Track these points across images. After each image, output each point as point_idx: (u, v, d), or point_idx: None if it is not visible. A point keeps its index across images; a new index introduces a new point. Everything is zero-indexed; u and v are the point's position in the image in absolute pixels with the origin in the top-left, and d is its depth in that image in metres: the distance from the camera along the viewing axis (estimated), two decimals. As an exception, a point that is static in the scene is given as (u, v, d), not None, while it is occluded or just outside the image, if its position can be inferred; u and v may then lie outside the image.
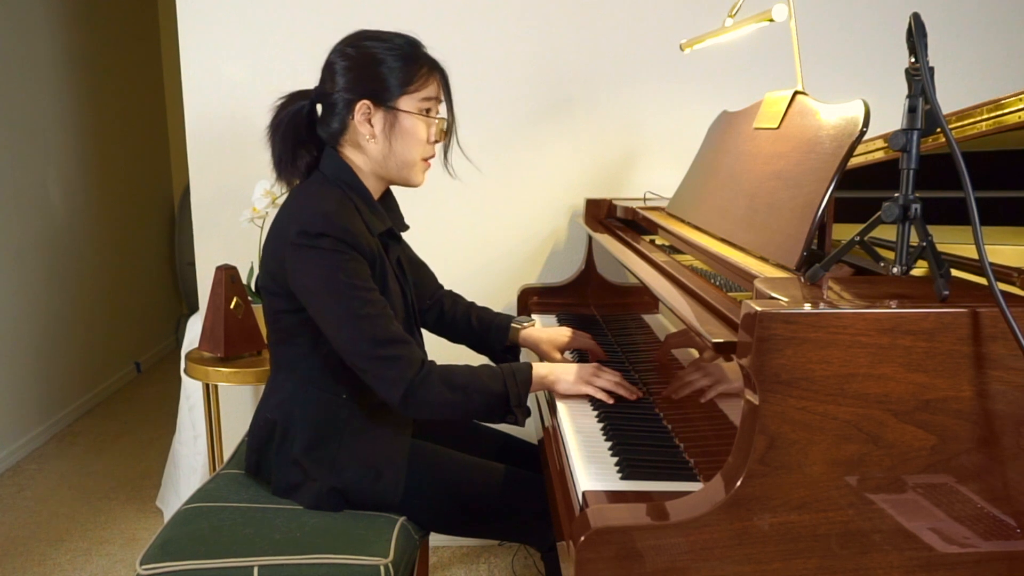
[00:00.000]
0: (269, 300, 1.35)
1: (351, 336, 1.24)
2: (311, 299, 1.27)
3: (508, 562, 2.26)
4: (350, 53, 1.33)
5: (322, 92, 1.36)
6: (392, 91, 1.31)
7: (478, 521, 1.41)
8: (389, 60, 1.31)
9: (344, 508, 1.33)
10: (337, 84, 1.32)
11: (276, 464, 1.35)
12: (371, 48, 1.32)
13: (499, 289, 2.28)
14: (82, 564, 2.24)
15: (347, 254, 1.24)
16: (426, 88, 1.33)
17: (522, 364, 1.35)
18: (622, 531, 0.86)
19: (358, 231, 1.27)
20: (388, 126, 1.32)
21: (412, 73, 1.31)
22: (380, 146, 1.33)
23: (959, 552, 0.89)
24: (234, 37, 2.17)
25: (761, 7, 1.52)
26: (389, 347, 1.24)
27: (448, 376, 1.27)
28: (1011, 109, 1.05)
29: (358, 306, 1.23)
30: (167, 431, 2.88)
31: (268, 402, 1.39)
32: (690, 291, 1.19)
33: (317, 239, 1.23)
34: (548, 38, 2.18)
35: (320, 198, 1.29)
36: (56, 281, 3.26)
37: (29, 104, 3.08)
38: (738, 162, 1.44)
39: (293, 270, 1.27)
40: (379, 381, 1.25)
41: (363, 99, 1.30)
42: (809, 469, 0.86)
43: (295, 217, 1.28)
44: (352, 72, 1.31)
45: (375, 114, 1.31)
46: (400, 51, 1.32)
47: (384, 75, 1.30)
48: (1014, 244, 1.34)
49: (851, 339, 0.85)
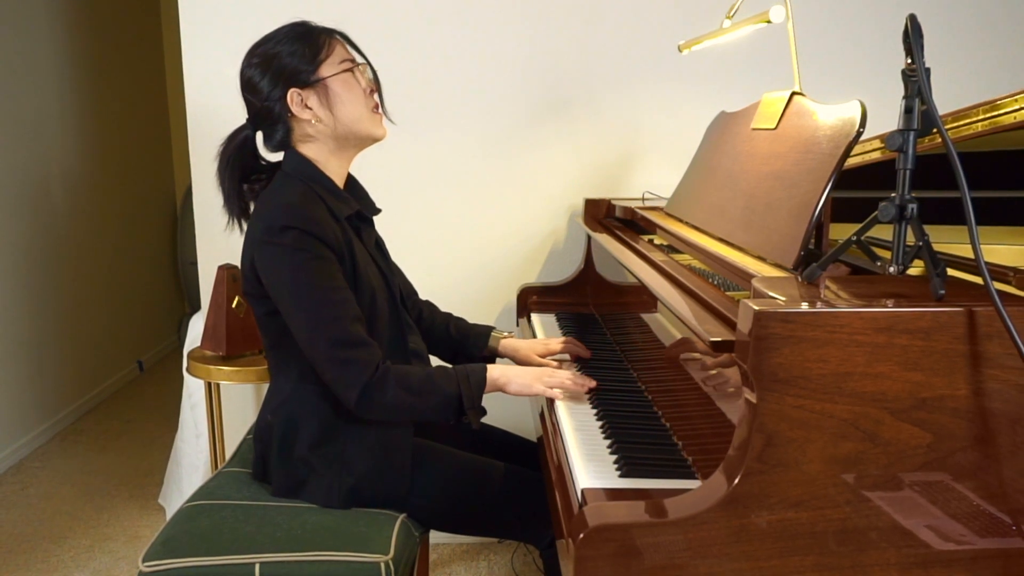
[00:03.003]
0: (255, 305, 1.36)
1: (310, 336, 1.26)
2: (278, 297, 1.28)
3: (508, 559, 2.27)
4: (256, 62, 1.35)
5: (255, 113, 1.37)
6: (308, 68, 1.33)
7: (477, 519, 1.41)
8: (290, 46, 1.33)
9: (354, 503, 1.33)
10: (262, 94, 1.34)
11: (279, 465, 1.36)
12: (269, 48, 1.34)
13: (499, 288, 2.29)
14: (85, 561, 2.25)
15: (310, 251, 1.25)
16: (334, 52, 1.35)
17: (476, 366, 1.34)
18: (621, 528, 0.86)
19: (322, 219, 1.28)
20: (323, 98, 1.33)
21: (315, 45, 1.33)
22: (327, 121, 1.34)
23: (955, 549, 0.90)
24: (235, 37, 2.16)
25: (759, 8, 1.52)
26: (346, 350, 1.24)
27: (403, 378, 1.27)
28: (1007, 110, 1.05)
29: (318, 307, 1.25)
30: (169, 429, 2.89)
31: (270, 404, 1.40)
32: (688, 290, 1.20)
33: (281, 234, 1.24)
34: (547, 39, 2.19)
35: (282, 192, 1.32)
36: (59, 280, 3.27)
37: (32, 104, 3.09)
38: (736, 162, 1.45)
39: (262, 268, 1.29)
40: (335, 382, 1.26)
41: (290, 88, 1.32)
42: (806, 467, 0.87)
43: (260, 215, 1.31)
44: (267, 75, 1.33)
45: (307, 96, 1.33)
46: (293, 34, 1.34)
47: (294, 61, 1.32)
48: (1010, 244, 1.35)
49: (848, 338, 0.85)
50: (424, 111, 2.21)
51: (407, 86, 2.19)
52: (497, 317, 2.30)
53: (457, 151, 2.23)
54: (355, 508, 1.34)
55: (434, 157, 2.23)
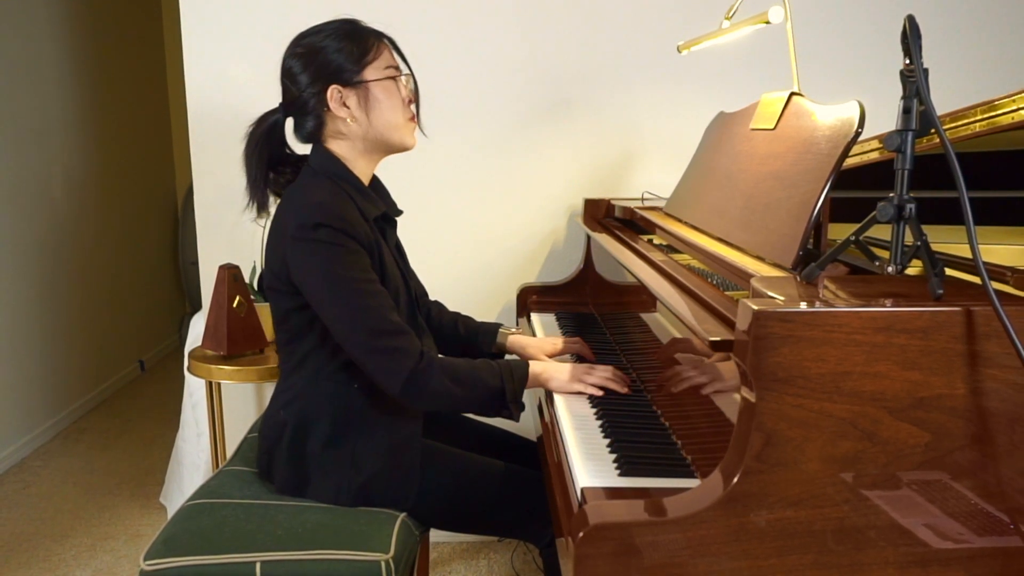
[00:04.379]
0: (276, 300, 1.36)
1: (350, 328, 1.25)
2: (311, 293, 1.28)
3: (507, 558, 2.27)
4: (300, 52, 1.35)
5: (290, 100, 1.37)
6: (354, 68, 1.33)
7: (477, 517, 1.42)
8: (337, 43, 1.33)
9: (361, 502, 1.34)
10: (300, 84, 1.34)
11: (287, 461, 1.35)
12: (316, 40, 1.34)
13: (499, 288, 2.30)
14: (86, 560, 2.26)
15: (344, 245, 1.25)
16: (381, 56, 1.35)
17: (519, 361, 1.37)
18: (620, 527, 0.86)
19: (353, 219, 1.28)
20: (363, 100, 1.34)
21: (363, 46, 1.33)
22: (361, 122, 1.35)
23: (953, 548, 0.90)
24: (237, 38, 2.18)
25: (757, 9, 1.52)
26: (388, 338, 1.25)
27: (449, 368, 1.28)
28: (1004, 110, 1.06)
29: (356, 298, 1.25)
30: (171, 428, 2.90)
31: (278, 401, 1.40)
32: (687, 290, 1.20)
33: (314, 231, 1.25)
34: (547, 39, 2.19)
35: (313, 190, 1.31)
36: (61, 280, 3.28)
37: (34, 105, 3.09)
38: (735, 162, 1.45)
39: (293, 265, 1.28)
40: (379, 372, 1.26)
41: (331, 85, 1.32)
42: (805, 466, 0.87)
43: (292, 212, 1.30)
44: (310, 67, 1.33)
45: (347, 95, 1.33)
46: (343, 31, 1.34)
47: (341, 58, 1.32)
48: (1008, 243, 1.35)
49: (846, 337, 0.86)
50: (424, 111, 2.20)
51: (407, 86, 2.19)
52: (497, 317, 2.31)
53: (457, 151, 2.23)
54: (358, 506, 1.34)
55: (434, 157, 2.23)
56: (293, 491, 1.36)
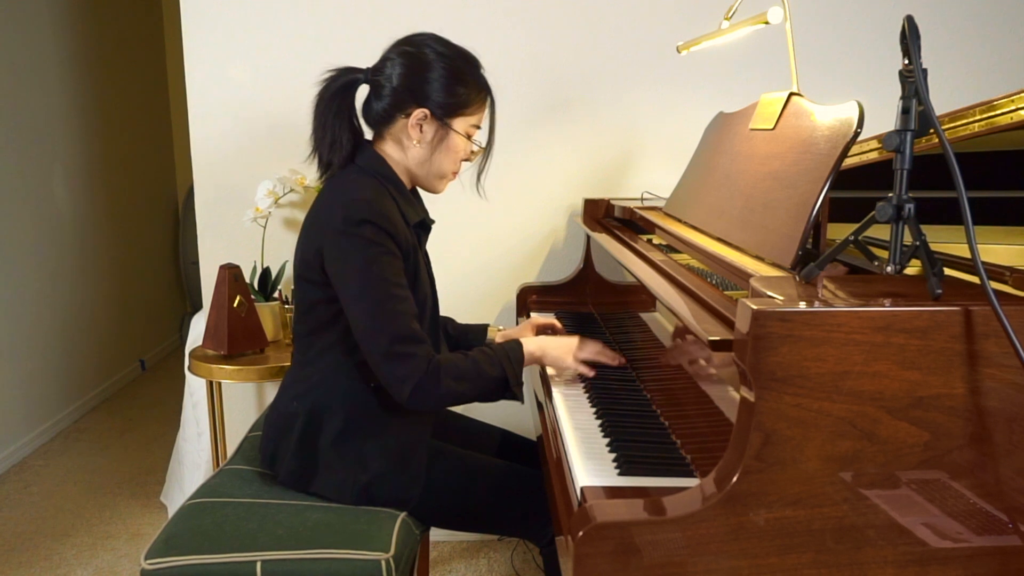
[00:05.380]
0: (305, 289, 1.37)
1: (373, 328, 1.26)
2: (343, 286, 1.29)
3: (507, 557, 2.28)
4: (412, 54, 1.34)
5: (379, 83, 1.36)
6: (447, 110, 1.35)
7: (478, 516, 1.42)
8: (448, 78, 1.33)
9: (364, 501, 1.34)
10: (394, 80, 1.34)
11: (294, 453, 1.35)
12: (433, 59, 1.33)
13: (498, 288, 2.30)
14: (87, 559, 2.26)
15: (384, 245, 1.27)
16: (478, 114, 1.39)
17: (512, 343, 1.39)
18: (620, 526, 0.87)
19: (396, 221, 1.30)
20: (437, 139, 1.36)
21: (467, 98, 1.35)
22: (422, 152, 1.37)
23: (952, 547, 0.90)
24: (237, 39, 2.18)
25: (757, 10, 1.53)
26: (405, 345, 1.26)
27: (452, 368, 1.29)
28: (1003, 110, 1.06)
29: (386, 300, 1.26)
30: (171, 428, 2.90)
31: (290, 392, 1.39)
32: (687, 290, 1.20)
33: (359, 226, 1.26)
34: (546, 40, 2.19)
35: (360, 186, 1.32)
36: (61, 280, 3.28)
37: (35, 105, 3.10)
38: (734, 162, 1.46)
39: (331, 257, 1.29)
40: (389, 377, 1.27)
41: (422, 107, 1.33)
42: (804, 465, 0.87)
43: (337, 204, 1.30)
44: (412, 77, 1.33)
45: (428, 125, 1.35)
46: (459, 71, 1.34)
47: (442, 94, 1.33)
48: (1006, 243, 1.35)
49: (845, 337, 0.86)
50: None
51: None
52: (497, 316, 2.31)
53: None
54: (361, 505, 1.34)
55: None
56: (297, 483, 1.36)
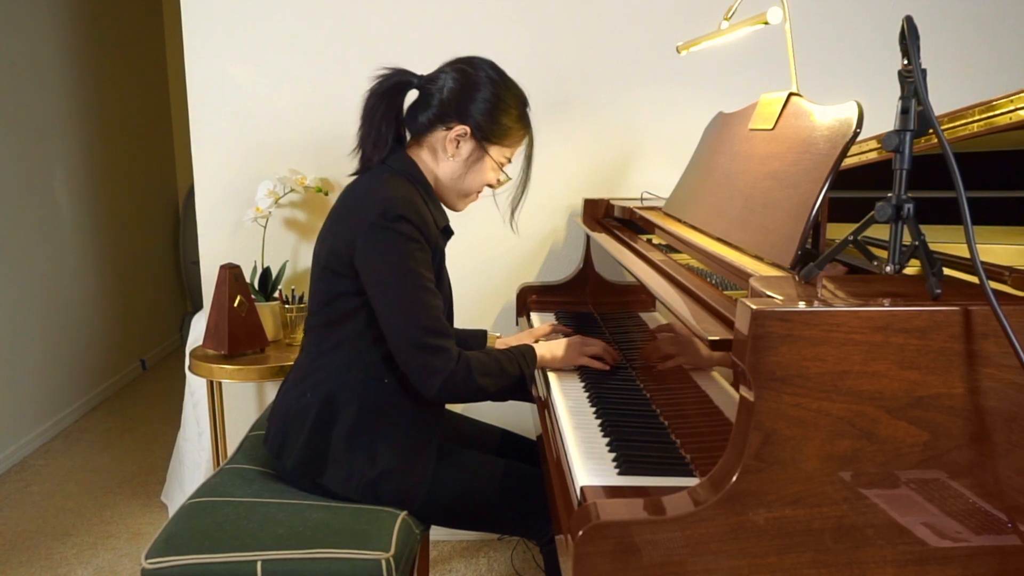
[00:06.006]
0: (328, 281, 1.37)
1: (405, 321, 1.29)
2: (375, 280, 1.31)
3: (507, 556, 2.28)
4: (466, 72, 1.39)
5: (430, 92, 1.40)
6: (486, 134, 1.40)
7: (478, 514, 1.42)
8: (495, 106, 1.39)
9: (368, 497, 1.34)
10: (444, 93, 1.39)
11: (306, 444, 1.35)
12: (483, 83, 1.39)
13: (498, 287, 2.30)
14: (88, 558, 2.26)
15: (419, 242, 1.31)
16: (513, 148, 1.46)
17: (524, 346, 1.45)
18: (619, 526, 0.87)
19: (428, 220, 1.35)
20: (473, 159, 1.42)
21: (509, 130, 1.42)
22: (455, 168, 1.42)
23: (951, 546, 0.90)
24: (238, 39, 2.18)
25: (756, 10, 1.53)
26: (437, 338, 1.29)
27: (478, 364, 1.33)
28: (1002, 110, 1.06)
29: (420, 293, 1.29)
30: (172, 427, 2.91)
31: (303, 384, 1.39)
32: (686, 289, 1.20)
33: (396, 222, 1.29)
34: (546, 40, 2.19)
35: (396, 185, 1.35)
36: (62, 279, 3.28)
37: (35, 105, 3.10)
38: (734, 162, 1.46)
39: (364, 249, 1.30)
40: (420, 369, 1.29)
41: (464, 124, 1.38)
42: (803, 465, 0.87)
43: (374, 200, 1.32)
44: (460, 94, 1.38)
45: (465, 143, 1.40)
46: (504, 104, 1.40)
47: (486, 119, 1.39)
48: (1005, 243, 1.36)
49: (845, 337, 0.86)
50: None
51: (408, 86, 2.19)
52: (497, 316, 2.31)
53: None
54: (362, 502, 1.35)
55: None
56: (305, 474, 1.36)
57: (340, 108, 2.20)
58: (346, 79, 2.19)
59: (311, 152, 2.23)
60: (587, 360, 1.49)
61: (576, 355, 1.49)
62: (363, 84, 1.43)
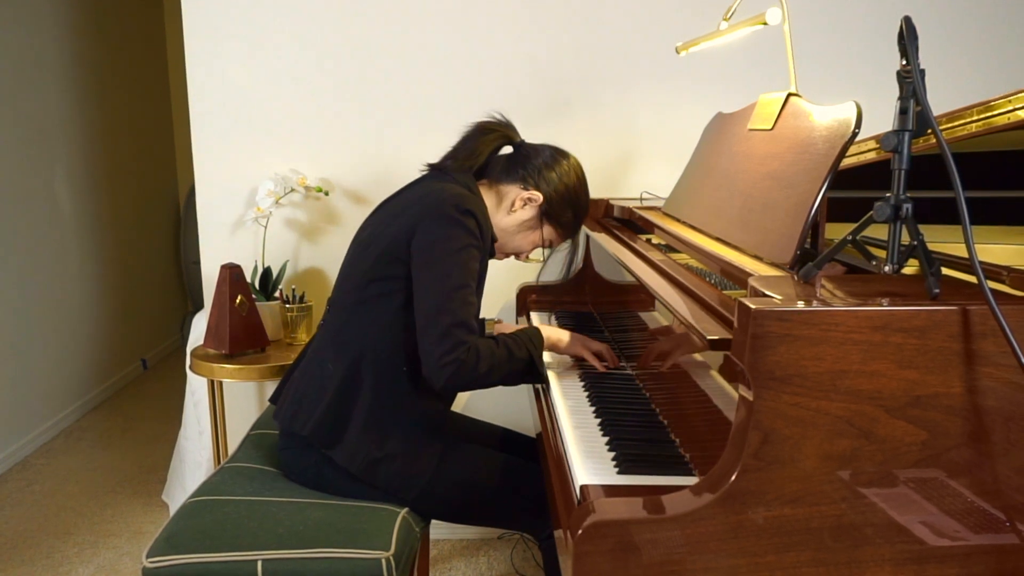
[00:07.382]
0: (375, 261, 1.40)
1: (441, 306, 1.31)
2: (427, 259, 1.34)
3: (507, 555, 2.28)
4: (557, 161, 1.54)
5: (527, 152, 1.55)
6: (554, 216, 1.54)
7: (478, 509, 1.43)
8: (565, 197, 1.54)
9: (369, 477, 1.36)
10: (538, 160, 1.53)
11: (325, 412, 1.37)
12: (565, 178, 1.53)
13: (498, 287, 2.30)
14: (89, 557, 2.27)
15: (477, 243, 1.38)
16: (560, 235, 1.58)
17: (531, 329, 1.47)
18: (619, 524, 0.87)
19: (487, 232, 1.43)
20: (528, 224, 1.54)
21: (568, 222, 1.56)
22: (510, 223, 1.53)
23: (949, 545, 0.90)
24: (238, 40, 2.19)
25: (755, 10, 1.53)
26: (463, 331, 1.31)
27: (488, 353, 1.34)
28: (1001, 111, 1.06)
29: (462, 287, 1.33)
30: (173, 427, 2.91)
31: (326, 352, 1.42)
32: (686, 289, 1.21)
33: (464, 216, 1.37)
34: (546, 40, 2.20)
35: (465, 193, 1.43)
36: (63, 279, 3.29)
37: (36, 105, 3.10)
38: (733, 162, 1.46)
39: (428, 231, 1.35)
40: (437, 356, 1.30)
41: (540, 192, 1.51)
42: (802, 464, 0.88)
43: (446, 194, 1.39)
44: (547, 175, 1.52)
45: (532, 207, 1.52)
46: (576, 204, 1.55)
47: (554, 200, 1.52)
48: (1004, 243, 1.36)
49: (844, 336, 0.86)
50: (424, 111, 2.22)
51: (407, 86, 2.20)
52: (496, 316, 2.31)
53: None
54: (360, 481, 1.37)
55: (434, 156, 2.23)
56: (321, 441, 1.38)
57: (341, 108, 2.21)
58: (346, 79, 2.19)
59: (311, 152, 2.24)
60: (589, 354, 1.51)
61: (580, 346, 1.53)
62: (363, 84, 1.43)
